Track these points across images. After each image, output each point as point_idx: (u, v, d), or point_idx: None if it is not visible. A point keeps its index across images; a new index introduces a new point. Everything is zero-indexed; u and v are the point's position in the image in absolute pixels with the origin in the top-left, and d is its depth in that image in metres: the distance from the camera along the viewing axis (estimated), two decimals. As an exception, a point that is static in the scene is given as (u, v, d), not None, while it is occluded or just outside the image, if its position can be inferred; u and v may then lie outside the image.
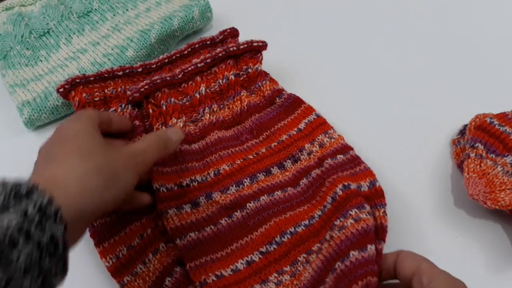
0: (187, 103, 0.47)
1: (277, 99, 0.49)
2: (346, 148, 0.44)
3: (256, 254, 0.37)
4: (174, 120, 0.45)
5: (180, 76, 0.47)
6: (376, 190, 0.40)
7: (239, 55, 0.50)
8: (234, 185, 0.41)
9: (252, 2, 0.63)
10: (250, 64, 0.49)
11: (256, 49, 0.50)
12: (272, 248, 0.37)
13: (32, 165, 0.47)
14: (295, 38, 0.59)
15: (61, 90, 0.45)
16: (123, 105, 0.46)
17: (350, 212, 0.37)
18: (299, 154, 0.44)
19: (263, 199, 0.40)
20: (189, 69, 0.47)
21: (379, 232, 0.38)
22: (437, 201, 0.44)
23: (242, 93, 0.48)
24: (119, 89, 0.47)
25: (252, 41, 0.49)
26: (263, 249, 0.37)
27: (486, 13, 0.62)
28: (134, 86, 0.45)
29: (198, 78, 0.48)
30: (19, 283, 0.23)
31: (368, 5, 0.63)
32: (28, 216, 0.24)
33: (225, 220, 0.39)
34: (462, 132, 0.48)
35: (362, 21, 0.62)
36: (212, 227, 0.39)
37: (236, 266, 0.36)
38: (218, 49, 0.48)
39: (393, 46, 0.58)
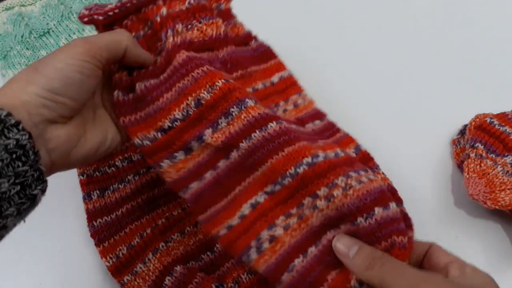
0: (149, 32, 0.38)
1: (252, 41, 0.44)
2: (320, 114, 0.42)
3: (261, 194, 0.34)
4: None
5: None
6: (363, 155, 0.39)
7: None
8: (223, 118, 0.35)
9: (252, 2, 0.63)
10: (223, 0, 0.42)
11: None
12: (277, 189, 0.34)
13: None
14: (296, 37, 0.59)
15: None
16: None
17: (361, 172, 0.34)
18: (275, 109, 0.40)
19: (255, 136, 0.34)
20: None
21: (392, 194, 0.36)
22: (437, 201, 0.44)
23: (217, 19, 0.39)
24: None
25: None
26: (268, 189, 0.34)
27: (486, 13, 0.62)
28: (100, 10, 0.36)
29: (160, 2, 0.38)
30: None
31: (369, 4, 0.63)
32: None
33: (223, 162, 0.35)
34: (462, 132, 0.48)
35: (363, 21, 0.62)
36: (212, 171, 0.35)
37: (242, 211, 0.34)
38: None
39: (393, 46, 0.58)
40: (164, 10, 0.37)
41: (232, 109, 0.34)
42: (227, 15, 0.42)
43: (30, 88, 0.28)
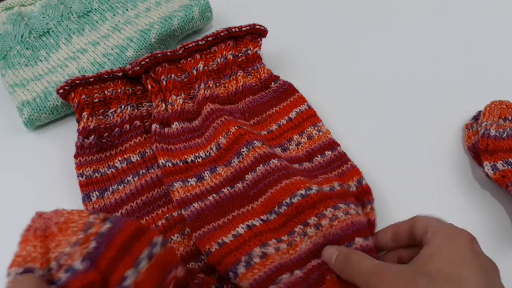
0: (185, 80, 0.48)
1: (272, 83, 0.50)
2: (333, 144, 0.45)
3: (257, 220, 0.38)
4: (174, 97, 0.46)
5: (180, 51, 0.48)
6: (363, 189, 0.41)
7: (241, 37, 0.51)
8: (235, 158, 0.42)
9: (252, 2, 0.63)
10: (250, 46, 0.50)
11: (257, 32, 0.51)
12: (272, 217, 0.38)
13: (31, 165, 0.47)
14: (295, 39, 0.59)
15: (60, 91, 0.45)
16: (122, 106, 0.46)
17: (351, 205, 0.38)
18: (288, 144, 0.45)
19: (259, 169, 0.40)
20: (190, 45, 0.48)
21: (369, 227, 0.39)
22: (438, 201, 0.44)
23: (238, 73, 0.49)
24: (118, 90, 0.47)
25: (254, 24, 0.50)
26: (264, 217, 0.38)
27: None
28: (135, 60, 0.47)
29: (198, 56, 0.49)
30: None
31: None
32: None
33: (228, 190, 0.40)
34: (476, 118, 0.48)
35: (365, 14, 0.61)
36: (215, 195, 0.40)
37: (237, 230, 0.37)
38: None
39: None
40: (201, 66, 0.48)
41: (242, 150, 0.41)
42: (253, 59, 0.51)
43: None
